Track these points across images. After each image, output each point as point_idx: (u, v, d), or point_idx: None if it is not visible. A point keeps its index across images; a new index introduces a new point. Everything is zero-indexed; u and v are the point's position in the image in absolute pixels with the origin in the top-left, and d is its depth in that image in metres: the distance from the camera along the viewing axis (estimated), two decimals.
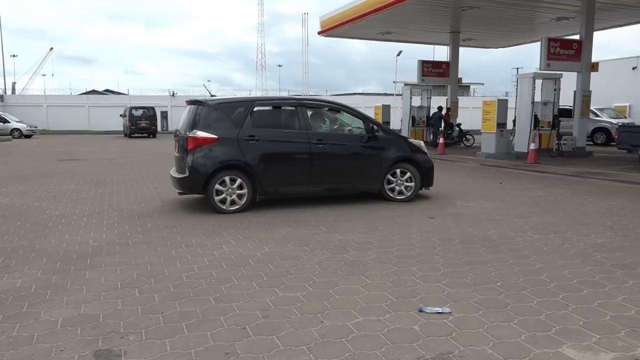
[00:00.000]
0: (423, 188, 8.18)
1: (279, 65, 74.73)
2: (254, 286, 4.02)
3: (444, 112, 21.33)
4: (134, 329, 3.24)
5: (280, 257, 4.82)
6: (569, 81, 16.81)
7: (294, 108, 7.65)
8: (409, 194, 7.92)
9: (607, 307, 3.58)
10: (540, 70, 15.48)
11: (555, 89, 15.63)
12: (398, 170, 7.89)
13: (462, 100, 31.90)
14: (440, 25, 20.27)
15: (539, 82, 15.69)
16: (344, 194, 7.95)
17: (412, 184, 7.93)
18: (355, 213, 7.01)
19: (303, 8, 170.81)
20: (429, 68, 22.00)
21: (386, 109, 21.34)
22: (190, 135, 7.00)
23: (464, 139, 21.48)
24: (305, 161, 7.44)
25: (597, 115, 22.36)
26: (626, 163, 13.70)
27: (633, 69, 27.02)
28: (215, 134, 7.00)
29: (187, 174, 7.01)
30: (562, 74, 15.85)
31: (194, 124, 7.09)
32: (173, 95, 43.76)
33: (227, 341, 3.05)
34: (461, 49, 23.13)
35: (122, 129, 34.07)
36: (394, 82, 46.18)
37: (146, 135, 32.26)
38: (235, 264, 4.61)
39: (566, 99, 17.38)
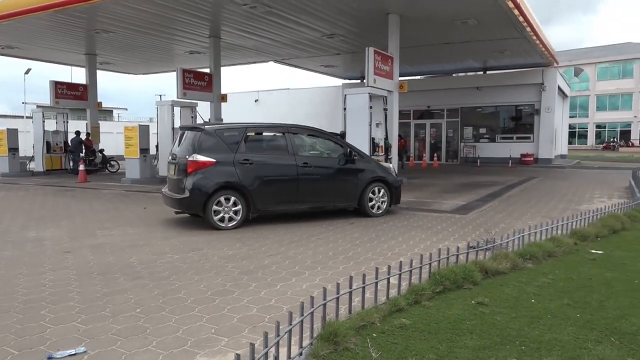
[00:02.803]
0: (392, 205, 9.14)
1: None
2: None
3: (83, 137, 20.10)
4: None
5: None
6: (205, 110, 18.43)
7: (282, 134, 8.45)
8: (382, 210, 8.92)
9: (235, 310, 4.04)
10: (177, 98, 16.40)
11: (192, 117, 16.83)
12: (376, 189, 8.86)
13: (105, 125, 30.85)
14: (73, 46, 19.05)
15: (177, 109, 16.61)
16: (325, 211, 8.74)
17: (386, 199, 8.98)
18: None
19: None
20: (63, 90, 20.32)
21: (12, 133, 18.66)
22: (191, 159, 7.57)
23: (108, 165, 20.74)
24: (293, 182, 8.17)
25: None
26: None
27: (255, 101, 31.80)
28: (213, 158, 7.61)
29: (187, 195, 7.51)
30: (197, 103, 17.22)
31: (194, 149, 7.66)
32: None
33: None
34: (105, 73, 22.33)
35: None
36: (23, 103, 40.71)
37: None
38: None
39: None
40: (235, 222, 7.69)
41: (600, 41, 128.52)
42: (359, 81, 27.27)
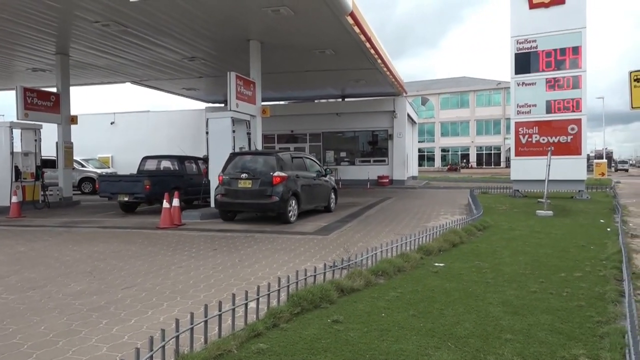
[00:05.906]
0: (335, 204, 13.76)
1: None
2: None
3: None
4: None
5: None
6: (53, 132, 16.84)
7: (301, 158, 12.64)
8: (335, 207, 13.59)
9: (81, 352, 3.70)
10: (18, 119, 14.79)
11: (36, 140, 15.28)
12: (332, 194, 13.31)
13: None
14: None
15: (18, 132, 14.96)
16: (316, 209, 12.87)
17: (334, 202, 13.61)
18: None
19: None
20: None
21: None
22: (276, 174, 10.86)
23: None
24: (311, 189, 12.10)
25: (83, 166, 23.30)
26: (109, 209, 14.87)
27: (111, 123, 29.88)
28: (285, 174, 11.01)
29: (277, 199, 10.75)
30: (42, 125, 15.68)
31: (275, 167, 11.01)
32: None
33: None
34: None
35: None
36: None
37: None
38: None
39: (50, 150, 17.30)
40: (295, 217, 11.17)
41: (442, 74, 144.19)
42: (222, 105, 27.12)
